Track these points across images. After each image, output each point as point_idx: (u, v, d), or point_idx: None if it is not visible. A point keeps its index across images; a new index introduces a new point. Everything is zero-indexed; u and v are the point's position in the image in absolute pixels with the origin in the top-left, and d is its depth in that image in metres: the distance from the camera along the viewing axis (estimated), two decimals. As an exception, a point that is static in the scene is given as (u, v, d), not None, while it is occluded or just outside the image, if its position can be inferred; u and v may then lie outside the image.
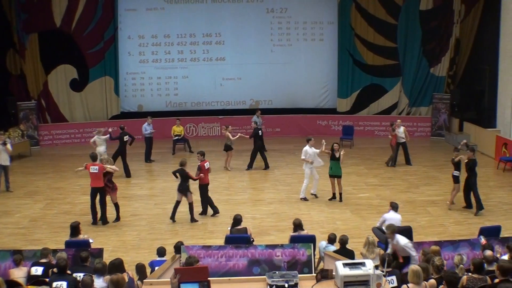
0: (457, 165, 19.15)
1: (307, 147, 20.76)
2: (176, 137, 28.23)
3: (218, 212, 19.09)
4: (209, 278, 9.05)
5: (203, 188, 19.09)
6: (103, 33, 30.60)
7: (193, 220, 18.57)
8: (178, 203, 18.73)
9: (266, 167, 25.02)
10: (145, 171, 25.23)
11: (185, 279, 8.32)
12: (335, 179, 20.48)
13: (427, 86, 31.59)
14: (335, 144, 20.71)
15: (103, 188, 18.48)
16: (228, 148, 24.90)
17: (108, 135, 24.25)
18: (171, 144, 28.23)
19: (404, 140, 25.11)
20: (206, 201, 19.14)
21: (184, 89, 32.17)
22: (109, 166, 18.70)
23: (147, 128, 26.46)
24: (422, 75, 31.54)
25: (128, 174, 24.06)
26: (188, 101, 32.28)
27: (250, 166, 25.08)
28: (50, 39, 29.83)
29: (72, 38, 30.23)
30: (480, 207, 19.00)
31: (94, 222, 18.41)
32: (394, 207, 15.57)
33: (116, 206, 18.91)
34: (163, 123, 29.73)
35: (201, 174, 18.85)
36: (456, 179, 19.32)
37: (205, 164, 18.94)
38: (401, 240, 12.68)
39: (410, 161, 25.46)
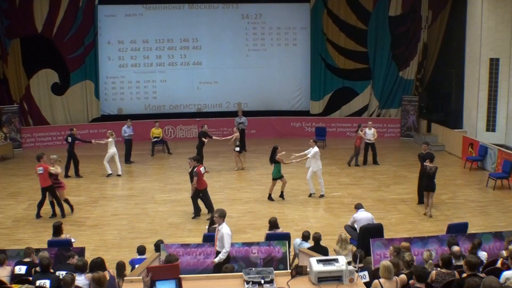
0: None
1: (316, 148, 20.66)
2: (155, 139, 28.13)
3: (199, 216, 18.94)
4: (186, 275, 9.04)
5: (205, 193, 18.82)
6: (83, 38, 30.41)
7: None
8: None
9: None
10: (125, 172, 25.05)
11: (157, 277, 8.27)
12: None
13: (396, 89, 31.76)
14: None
15: (51, 187, 18.74)
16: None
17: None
18: (150, 146, 28.13)
19: (373, 141, 25.27)
20: (210, 203, 18.83)
21: (163, 93, 32.07)
22: (53, 168, 18.83)
23: (126, 130, 26.35)
24: (392, 78, 31.71)
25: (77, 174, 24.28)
26: (166, 104, 32.20)
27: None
28: (32, 44, 29.62)
29: (53, 43, 30.04)
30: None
31: (38, 216, 18.86)
32: (358, 207, 15.64)
33: (66, 202, 19.24)
34: (142, 125, 29.64)
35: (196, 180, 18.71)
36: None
37: (201, 169, 18.80)
38: (225, 228, 12.53)
39: (377, 161, 25.61)
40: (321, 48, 31.85)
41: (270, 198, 20.62)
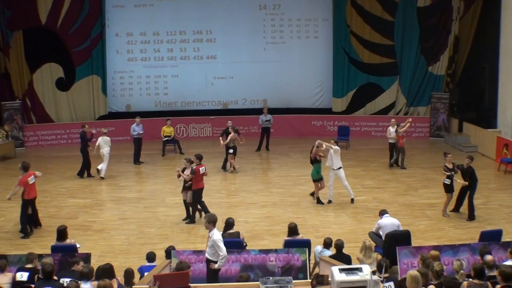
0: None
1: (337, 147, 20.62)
2: (166, 138, 28.20)
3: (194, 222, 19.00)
4: (198, 284, 9.06)
5: (197, 193, 18.94)
6: (90, 30, 30.54)
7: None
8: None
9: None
10: (134, 173, 25.18)
11: (165, 285, 8.28)
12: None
13: (425, 85, 31.62)
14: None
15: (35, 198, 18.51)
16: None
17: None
18: (161, 145, 28.20)
19: (394, 141, 25.16)
20: (195, 207, 19.07)
21: (174, 89, 32.14)
22: (37, 172, 18.68)
23: (135, 128, 26.41)
24: (420, 73, 31.56)
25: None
26: (178, 101, 32.25)
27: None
28: (35, 37, 29.76)
29: (58, 35, 30.17)
30: (472, 216, 18.80)
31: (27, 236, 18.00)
32: (382, 213, 15.61)
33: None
34: (152, 123, 29.68)
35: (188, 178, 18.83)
36: (447, 188, 19.17)
37: (201, 169, 18.83)
38: (216, 235, 12.51)
39: (399, 163, 25.53)
40: (344, 41, 31.78)
41: (318, 201, 20.56)
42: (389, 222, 15.10)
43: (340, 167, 20.45)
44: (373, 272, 9.00)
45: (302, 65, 32.36)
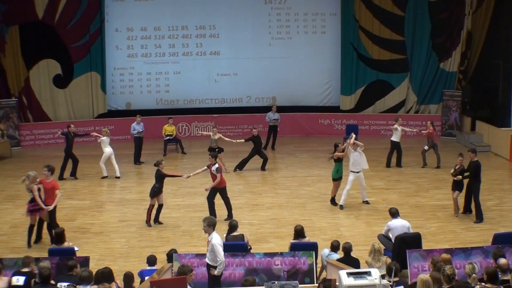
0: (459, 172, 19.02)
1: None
2: (168, 137, 28.17)
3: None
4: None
5: (224, 191, 19.21)
6: (88, 25, 30.52)
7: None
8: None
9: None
10: (134, 173, 25.22)
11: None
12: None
13: (437, 82, 31.61)
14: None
15: None
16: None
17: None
18: (162, 144, 28.22)
19: (399, 140, 25.13)
20: (229, 204, 19.32)
21: (176, 86, 32.15)
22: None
23: (135, 127, 26.40)
24: (432, 70, 31.56)
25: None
26: (180, 99, 32.28)
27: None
28: (31, 32, 29.75)
29: (55, 30, 30.16)
30: (480, 217, 18.79)
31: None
32: (394, 213, 15.54)
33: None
34: (153, 122, 29.65)
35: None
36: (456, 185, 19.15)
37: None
38: (215, 238, 12.52)
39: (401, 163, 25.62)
40: (353, 37, 31.77)
41: (333, 202, 20.62)
42: (399, 224, 15.11)
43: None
44: (382, 276, 9.02)
45: (308, 61, 32.32)
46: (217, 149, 24.34)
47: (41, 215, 17.37)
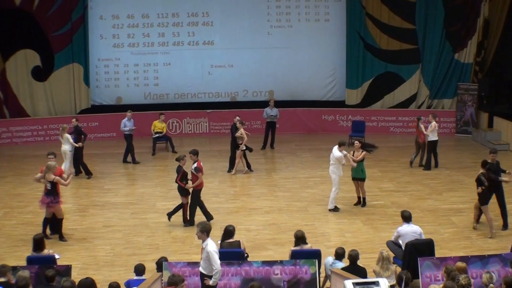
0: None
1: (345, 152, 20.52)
2: (157, 135, 28.13)
3: (212, 219, 19.06)
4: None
5: (197, 194, 19.20)
6: (70, 12, 30.48)
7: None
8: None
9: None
10: (120, 174, 25.18)
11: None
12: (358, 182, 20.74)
13: (451, 75, 31.63)
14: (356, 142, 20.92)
15: None
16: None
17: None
18: (151, 143, 28.19)
19: (437, 138, 25.01)
20: (194, 209, 19.21)
21: (166, 79, 32.14)
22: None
23: (127, 124, 26.36)
24: (445, 61, 31.58)
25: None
26: (170, 93, 32.27)
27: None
28: (8, 20, 29.70)
29: (34, 18, 30.10)
30: (505, 224, 18.68)
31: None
32: (406, 217, 15.52)
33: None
34: (141, 118, 29.52)
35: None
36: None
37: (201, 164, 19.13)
38: (210, 245, 12.48)
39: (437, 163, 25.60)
40: (360, 25, 31.78)
41: (363, 202, 20.89)
42: (409, 230, 15.10)
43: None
44: (392, 287, 9.03)
45: (311, 52, 32.31)
46: (245, 148, 24.62)
47: (55, 211, 17.99)
